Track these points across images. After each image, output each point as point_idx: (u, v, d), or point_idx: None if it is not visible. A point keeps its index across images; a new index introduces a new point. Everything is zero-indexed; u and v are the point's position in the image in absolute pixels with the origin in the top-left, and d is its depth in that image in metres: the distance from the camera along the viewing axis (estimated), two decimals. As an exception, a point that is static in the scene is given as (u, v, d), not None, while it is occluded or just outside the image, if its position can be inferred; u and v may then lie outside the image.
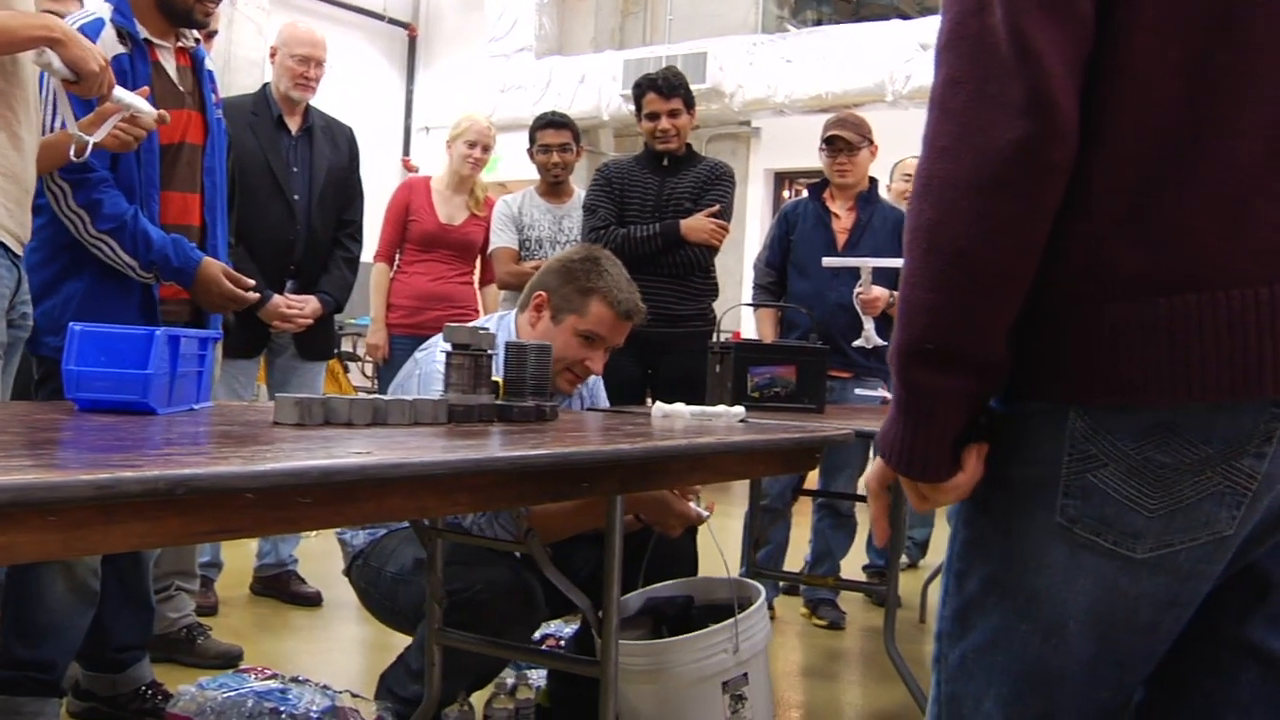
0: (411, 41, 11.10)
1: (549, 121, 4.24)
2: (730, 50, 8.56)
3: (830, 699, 3.19)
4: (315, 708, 2.36)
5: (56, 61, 1.94)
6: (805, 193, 4.07)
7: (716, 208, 3.63)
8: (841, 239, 3.85)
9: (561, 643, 2.93)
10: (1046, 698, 1.06)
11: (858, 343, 3.55)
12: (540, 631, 2.88)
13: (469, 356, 1.84)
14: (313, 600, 3.80)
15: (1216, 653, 1.07)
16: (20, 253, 2.08)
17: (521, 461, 1.40)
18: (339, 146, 3.76)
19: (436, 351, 2.23)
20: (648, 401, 3.56)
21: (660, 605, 2.46)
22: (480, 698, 2.49)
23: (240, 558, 3.99)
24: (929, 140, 0.99)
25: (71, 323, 1.66)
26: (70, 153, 2.10)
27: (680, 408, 2.15)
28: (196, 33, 2.61)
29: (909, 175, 4.62)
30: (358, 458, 1.20)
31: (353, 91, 8.58)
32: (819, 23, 9.92)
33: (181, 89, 2.53)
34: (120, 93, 2.10)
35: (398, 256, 4.31)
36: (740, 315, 7.16)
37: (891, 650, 2.85)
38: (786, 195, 9.37)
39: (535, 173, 4.30)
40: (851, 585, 3.93)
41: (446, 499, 1.36)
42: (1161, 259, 0.96)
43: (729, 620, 2.29)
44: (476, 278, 4.52)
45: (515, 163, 6.61)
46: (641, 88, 3.72)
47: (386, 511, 1.37)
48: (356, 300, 4.26)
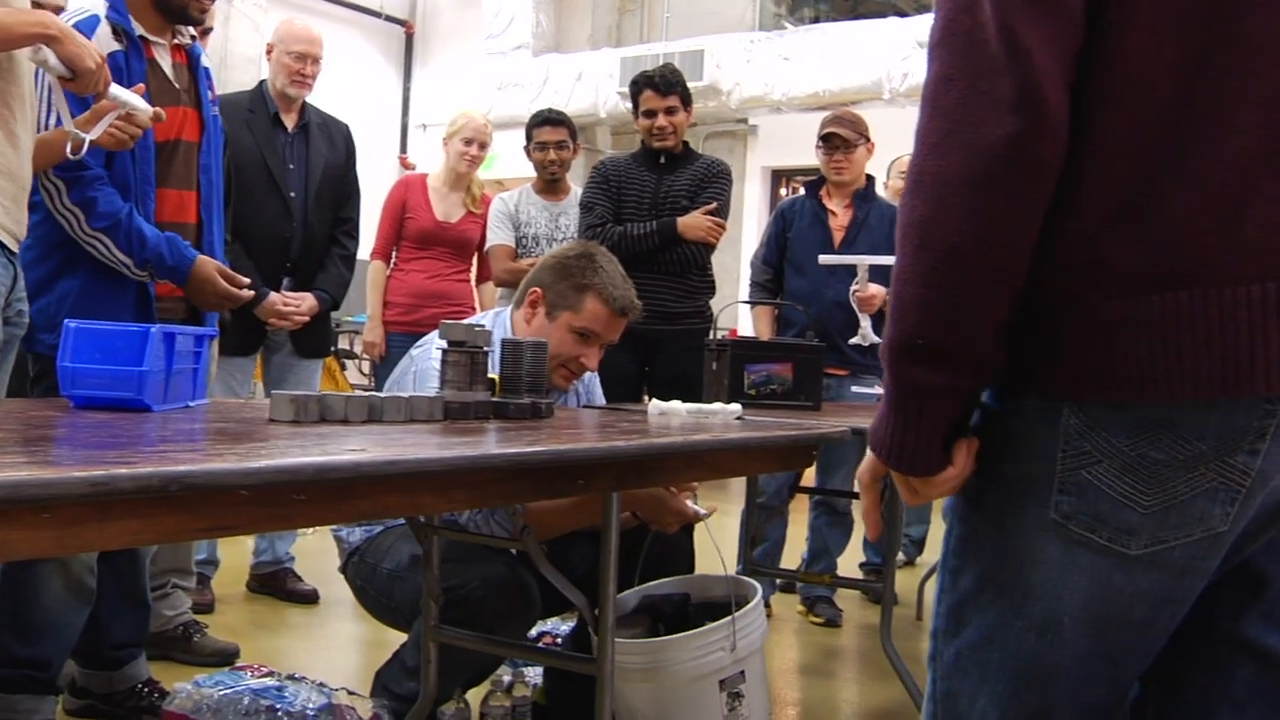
0: (408, 39, 11.09)
1: (546, 119, 4.25)
2: (727, 48, 8.55)
3: (827, 696, 3.19)
4: (311, 705, 2.35)
5: (52, 58, 1.93)
6: (802, 190, 4.06)
7: (713, 205, 3.63)
8: (838, 236, 3.85)
9: (558, 640, 2.92)
10: (1041, 694, 1.06)
11: (854, 340, 3.55)
12: (536, 629, 2.88)
13: (465, 353, 1.84)
14: (309, 598, 3.80)
15: (1212, 649, 1.07)
16: (16, 250, 2.08)
17: (517, 458, 1.40)
18: (335, 144, 3.76)
19: (432, 348, 2.23)
20: (644, 399, 3.57)
21: (657, 603, 2.46)
22: (476, 695, 2.49)
23: (237, 555, 3.99)
24: (921, 136, 0.99)
25: (66, 320, 1.65)
26: (66, 150, 2.10)
27: (677, 405, 2.15)
28: (192, 29, 2.61)
29: (905, 173, 4.62)
30: (353, 455, 1.20)
31: (349, 89, 8.56)
32: (816, 20, 9.90)
33: (177, 86, 2.52)
34: (116, 90, 2.10)
35: (394, 254, 4.30)
36: (737, 313, 7.16)
37: (888, 647, 2.85)
38: (784, 193, 9.36)
39: (532, 170, 4.30)
40: (848, 583, 3.93)
41: (442, 496, 1.36)
42: (1155, 257, 0.96)
43: (726, 618, 2.29)
44: (473, 275, 4.52)
45: (512, 160, 6.62)
46: (638, 85, 3.71)
47: (382, 509, 1.37)
48: (353, 298, 4.25)
